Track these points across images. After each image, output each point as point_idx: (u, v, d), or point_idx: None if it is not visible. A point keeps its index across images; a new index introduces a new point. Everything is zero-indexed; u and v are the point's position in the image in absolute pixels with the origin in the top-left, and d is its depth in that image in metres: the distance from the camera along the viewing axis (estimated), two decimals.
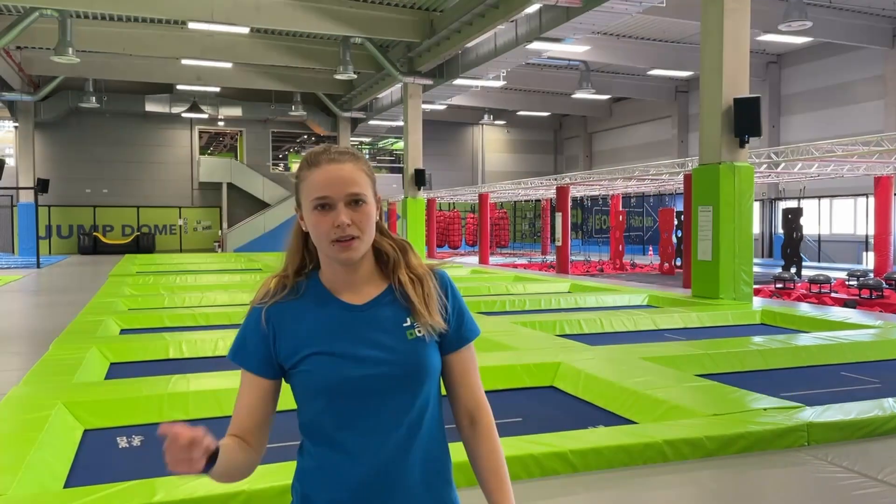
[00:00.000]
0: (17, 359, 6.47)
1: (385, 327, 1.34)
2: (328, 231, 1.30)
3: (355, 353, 1.31)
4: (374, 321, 1.35)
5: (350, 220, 1.30)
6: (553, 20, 14.96)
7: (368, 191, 1.34)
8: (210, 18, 16.42)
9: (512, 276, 14.66)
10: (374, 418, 1.31)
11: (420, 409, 1.33)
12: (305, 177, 1.33)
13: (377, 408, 1.31)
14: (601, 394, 4.96)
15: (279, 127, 32.28)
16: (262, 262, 19.83)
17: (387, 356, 1.32)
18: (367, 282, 1.38)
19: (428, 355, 1.35)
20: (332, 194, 1.30)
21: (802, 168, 17.09)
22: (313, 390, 1.33)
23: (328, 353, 1.32)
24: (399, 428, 1.31)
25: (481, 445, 1.40)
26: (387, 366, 1.31)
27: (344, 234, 1.29)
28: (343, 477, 1.31)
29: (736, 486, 3.44)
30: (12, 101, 25.13)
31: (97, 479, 3.42)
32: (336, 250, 1.31)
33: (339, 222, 1.29)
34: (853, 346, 6.55)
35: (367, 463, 1.30)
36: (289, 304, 1.37)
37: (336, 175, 1.31)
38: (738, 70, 9.70)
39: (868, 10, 19.21)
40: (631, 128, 32.76)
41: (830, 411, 4.12)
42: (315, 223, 1.31)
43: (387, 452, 1.30)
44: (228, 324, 8.69)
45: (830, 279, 14.09)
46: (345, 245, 1.30)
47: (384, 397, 1.31)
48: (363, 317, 1.35)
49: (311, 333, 1.34)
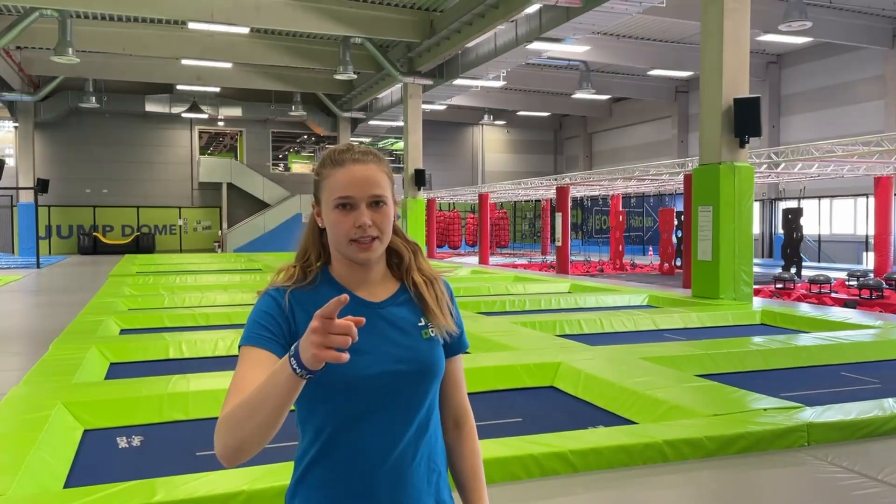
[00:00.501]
0: (17, 359, 6.47)
1: (401, 325, 1.35)
2: (349, 231, 1.30)
3: (373, 349, 1.30)
4: (390, 319, 1.35)
5: (371, 221, 1.30)
6: (553, 20, 14.96)
7: (389, 192, 1.34)
8: (210, 18, 16.43)
9: (512, 277, 14.66)
10: (387, 416, 1.30)
11: (429, 409, 1.35)
12: (328, 175, 1.33)
13: (390, 405, 1.30)
14: (601, 394, 4.96)
15: (279, 127, 32.29)
16: (262, 263, 19.84)
17: (404, 354, 1.32)
18: (380, 281, 1.39)
19: (440, 355, 1.37)
20: (356, 195, 1.30)
21: (802, 168, 17.09)
22: (328, 385, 1.27)
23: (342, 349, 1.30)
24: (409, 426, 1.31)
25: (464, 445, 1.43)
26: (404, 363, 1.31)
27: (364, 235, 1.29)
28: (351, 472, 1.28)
29: (736, 486, 3.44)
30: (12, 101, 25.14)
31: (97, 479, 3.42)
32: (355, 250, 1.31)
33: (361, 223, 1.29)
34: (853, 347, 6.55)
35: (376, 460, 1.29)
36: (307, 293, 1.35)
37: (360, 175, 1.30)
38: (738, 70, 9.70)
39: (868, 10, 19.21)
40: (631, 128, 32.76)
41: (830, 411, 4.12)
42: (336, 222, 1.31)
43: (396, 450, 1.30)
44: (228, 324, 8.69)
45: (830, 279, 14.09)
46: (364, 246, 1.30)
47: (398, 395, 1.31)
48: (380, 314, 1.35)
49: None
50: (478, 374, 5.35)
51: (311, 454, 1.32)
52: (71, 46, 16.64)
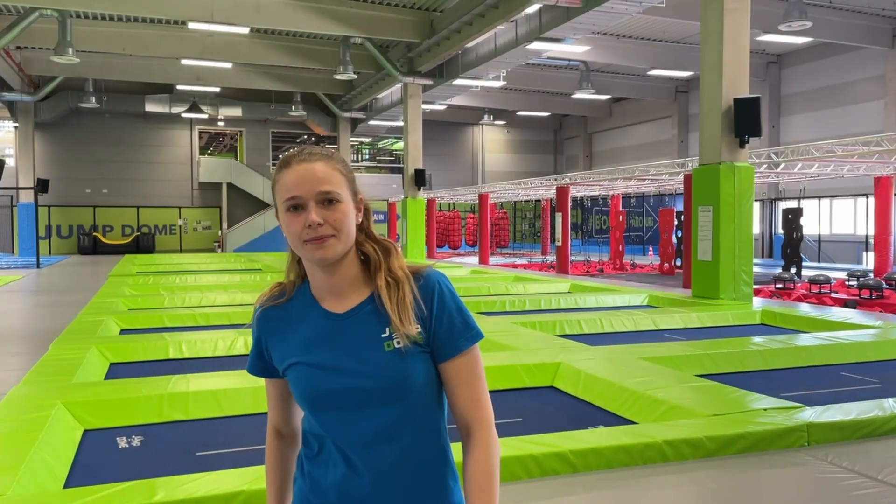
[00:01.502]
0: (17, 359, 6.47)
1: (363, 338, 1.29)
2: (300, 232, 1.25)
3: (333, 364, 1.28)
4: (352, 331, 1.30)
5: (322, 220, 1.25)
6: (553, 20, 14.96)
7: (344, 189, 1.29)
8: (210, 18, 16.42)
9: (512, 277, 14.66)
10: (355, 431, 1.27)
11: (402, 423, 1.27)
12: (278, 179, 1.29)
13: (357, 421, 1.27)
14: (601, 394, 4.96)
15: (279, 127, 32.28)
16: (262, 263, 19.83)
17: (362, 368, 1.27)
18: (351, 288, 1.32)
19: (407, 368, 1.26)
20: (303, 193, 1.25)
21: (802, 168, 17.09)
22: (298, 398, 1.34)
23: (307, 364, 1.30)
24: (380, 442, 1.26)
25: (467, 458, 1.30)
26: (363, 378, 1.26)
27: (316, 234, 1.25)
28: (327, 482, 1.31)
29: (736, 486, 3.43)
30: (12, 101, 25.13)
31: (97, 479, 3.42)
32: (309, 250, 1.26)
33: (311, 221, 1.24)
34: (853, 347, 6.55)
35: (348, 473, 1.28)
36: (279, 308, 1.37)
37: (306, 174, 1.26)
38: (738, 70, 9.70)
39: (868, 10, 19.21)
40: (631, 128, 32.76)
41: (830, 411, 4.12)
42: (288, 224, 1.27)
43: (368, 465, 1.27)
44: (228, 324, 8.69)
45: (830, 279, 14.09)
46: (318, 243, 1.25)
47: (363, 411, 1.26)
48: (342, 326, 1.30)
49: (294, 342, 1.33)
50: None
51: (302, 452, 1.39)
52: (71, 46, 16.63)
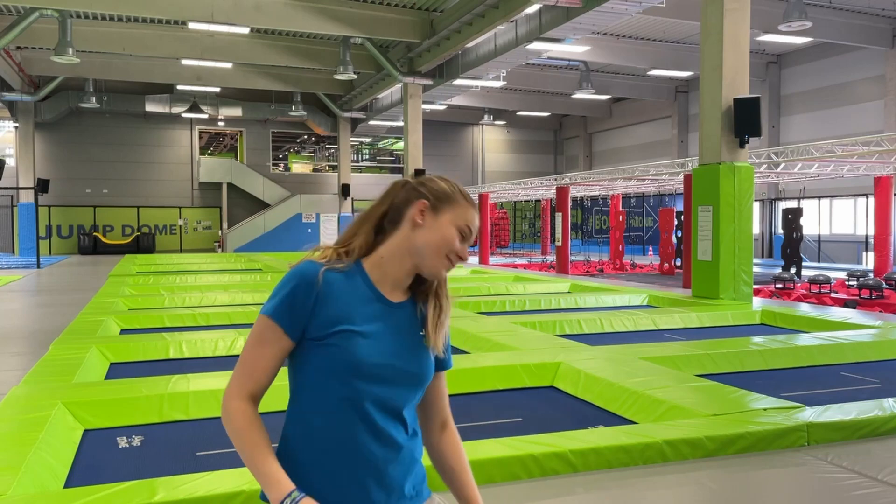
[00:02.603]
0: (17, 359, 6.47)
1: (409, 329, 1.49)
2: (450, 251, 1.46)
3: (385, 341, 1.43)
4: (402, 321, 1.48)
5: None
6: (553, 20, 14.96)
7: None
8: (210, 19, 16.42)
9: (512, 277, 14.66)
10: (381, 407, 1.42)
11: (412, 405, 1.50)
12: (462, 205, 1.49)
13: (385, 397, 1.42)
14: (601, 394, 4.96)
15: (279, 127, 32.28)
16: (262, 263, 19.83)
17: (407, 353, 1.46)
18: (403, 286, 1.51)
19: (431, 366, 1.52)
20: (474, 235, 1.51)
21: (802, 168, 17.10)
22: (332, 366, 1.38)
23: (360, 334, 1.40)
24: (398, 419, 1.45)
25: (454, 443, 1.60)
26: (405, 361, 1.45)
27: (454, 264, 1.49)
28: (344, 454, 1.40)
29: (736, 486, 3.44)
30: (12, 101, 25.12)
31: (97, 479, 3.43)
32: (442, 266, 1.47)
33: (465, 256, 1.49)
34: (853, 346, 6.55)
35: (366, 446, 1.40)
36: (340, 274, 1.44)
37: (478, 224, 1.53)
38: (738, 70, 9.70)
39: (868, 10, 19.21)
40: (631, 128, 32.76)
41: (830, 411, 4.12)
42: (450, 238, 1.46)
43: (387, 434, 1.42)
44: (228, 324, 8.69)
45: (830, 279, 14.09)
46: (450, 267, 1.49)
47: (395, 389, 1.43)
48: (396, 313, 1.48)
49: (350, 310, 1.41)
50: (478, 374, 5.35)
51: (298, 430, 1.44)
52: (71, 46, 16.64)
